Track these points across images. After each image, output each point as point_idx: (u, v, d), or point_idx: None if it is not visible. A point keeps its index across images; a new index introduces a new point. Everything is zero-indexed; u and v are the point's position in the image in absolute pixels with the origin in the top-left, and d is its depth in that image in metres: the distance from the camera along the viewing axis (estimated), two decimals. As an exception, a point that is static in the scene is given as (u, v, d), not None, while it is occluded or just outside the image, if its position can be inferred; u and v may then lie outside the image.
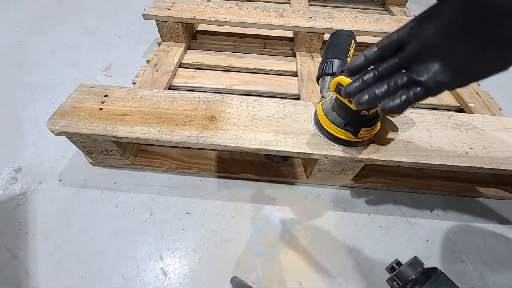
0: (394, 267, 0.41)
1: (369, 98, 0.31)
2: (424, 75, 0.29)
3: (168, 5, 0.75)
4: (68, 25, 0.97)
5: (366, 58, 0.32)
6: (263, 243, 0.46)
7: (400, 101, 0.30)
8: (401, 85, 0.30)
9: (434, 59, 0.28)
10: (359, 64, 0.33)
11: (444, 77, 0.28)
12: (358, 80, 0.33)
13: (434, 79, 0.28)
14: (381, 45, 0.32)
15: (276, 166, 0.54)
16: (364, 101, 0.31)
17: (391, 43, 0.31)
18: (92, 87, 0.50)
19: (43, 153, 0.57)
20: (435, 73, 0.28)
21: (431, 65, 0.28)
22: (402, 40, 0.30)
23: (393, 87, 0.30)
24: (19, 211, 0.48)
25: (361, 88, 0.32)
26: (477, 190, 0.53)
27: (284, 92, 0.70)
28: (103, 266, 0.43)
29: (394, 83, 0.30)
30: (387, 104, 0.30)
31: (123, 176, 0.54)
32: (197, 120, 0.45)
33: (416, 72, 0.29)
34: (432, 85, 0.28)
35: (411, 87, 0.29)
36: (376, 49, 0.32)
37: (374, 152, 0.42)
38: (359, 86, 0.32)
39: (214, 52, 0.80)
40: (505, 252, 0.47)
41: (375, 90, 0.31)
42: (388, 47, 0.31)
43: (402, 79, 0.30)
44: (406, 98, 0.29)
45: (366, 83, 0.32)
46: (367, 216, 0.50)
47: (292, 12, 0.76)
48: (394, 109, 0.30)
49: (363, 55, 0.32)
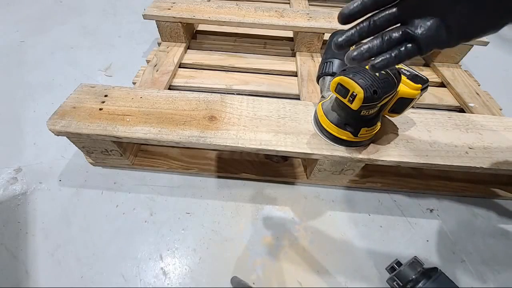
0: (394, 267, 0.41)
1: (364, 51, 0.29)
2: (419, 29, 0.28)
3: (168, 5, 0.75)
4: (68, 25, 0.97)
5: (363, 3, 0.28)
6: (263, 243, 0.46)
7: (391, 57, 0.29)
8: (395, 39, 0.29)
9: (432, 15, 0.27)
10: (354, 9, 0.29)
11: (438, 34, 0.27)
12: (352, 29, 0.30)
13: (429, 34, 0.27)
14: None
15: (276, 166, 0.54)
16: (357, 55, 0.30)
17: None
18: (92, 87, 0.50)
19: (43, 153, 0.57)
20: (430, 28, 0.27)
21: (428, 20, 0.27)
22: None
23: (387, 41, 0.29)
24: (19, 211, 0.48)
25: (353, 38, 0.30)
26: (477, 190, 0.53)
27: (284, 92, 0.70)
28: (103, 266, 0.43)
29: (389, 37, 0.29)
30: (377, 60, 0.29)
31: (123, 176, 0.54)
32: (197, 120, 0.45)
33: (412, 26, 0.28)
34: (425, 41, 0.28)
35: (403, 43, 0.29)
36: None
37: (374, 152, 0.42)
38: (352, 37, 0.30)
39: (214, 52, 0.80)
40: (505, 252, 0.47)
41: (369, 45, 0.29)
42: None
43: (397, 32, 0.29)
44: (397, 54, 0.29)
45: (360, 33, 0.30)
46: (367, 216, 0.50)
47: (292, 12, 0.76)
48: (385, 66, 0.29)
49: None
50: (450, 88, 0.72)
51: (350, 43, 0.30)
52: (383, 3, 0.29)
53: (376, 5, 0.29)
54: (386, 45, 0.29)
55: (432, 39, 0.28)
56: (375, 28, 0.29)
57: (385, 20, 0.29)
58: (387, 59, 0.29)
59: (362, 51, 0.30)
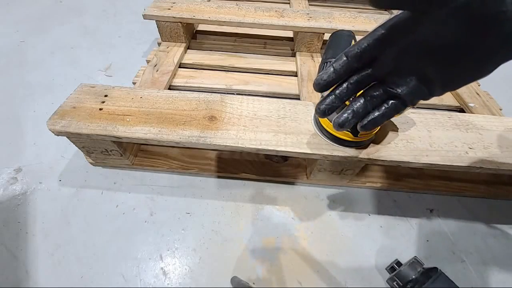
0: (394, 267, 0.41)
1: (349, 116, 0.29)
2: (400, 88, 0.27)
3: (168, 5, 0.75)
4: (68, 25, 0.97)
5: (335, 72, 0.29)
6: (263, 243, 0.46)
7: (381, 117, 0.29)
8: (378, 98, 0.29)
9: (411, 72, 0.26)
10: (328, 80, 0.29)
11: (421, 90, 0.27)
12: (330, 95, 0.30)
13: (411, 92, 0.27)
14: (351, 55, 0.28)
15: (276, 166, 0.54)
16: (344, 122, 0.30)
17: (363, 53, 0.27)
18: (92, 87, 0.50)
19: (43, 153, 0.57)
20: (411, 86, 0.27)
21: (408, 77, 0.27)
22: (374, 49, 0.27)
23: (370, 101, 0.29)
24: (19, 211, 0.48)
25: (335, 104, 0.30)
26: (477, 190, 0.53)
27: (284, 92, 0.70)
28: (103, 266, 0.43)
29: (370, 97, 0.29)
30: (365, 122, 0.29)
31: (123, 176, 0.54)
32: (197, 120, 0.45)
33: (392, 84, 0.28)
34: (409, 98, 0.27)
35: (388, 100, 0.28)
36: (345, 60, 0.28)
37: (374, 152, 0.42)
38: (333, 103, 0.30)
39: (214, 52, 0.80)
40: (505, 252, 0.47)
41: (354, 108, 0.29)
42: (360, 58, 0.28)
43: (378, 91, 0.28)
44: (386, 112, 0.28)
45: (340, 98, 0.30)
46: (367, 216, 0.50)
47: (292, 12, 0.76)
48: (375, 125, 0.29)
49: (332, 67, 0.29)
50: (450, 88, 0.72)
51: (333, 109, 0.31)
52: (356, 68, 0.29)
53: (348, 71, 0.29)
54: (370, 105, 0.29)
55: (415, 95, 0.27)
56: (353, 90, 0.30)
57: (361, 82, 0.29)
58: (376, 119, 0.29)
59: (348, 118, 0.30)
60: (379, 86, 0.28)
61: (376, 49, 0.27)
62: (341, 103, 0.30)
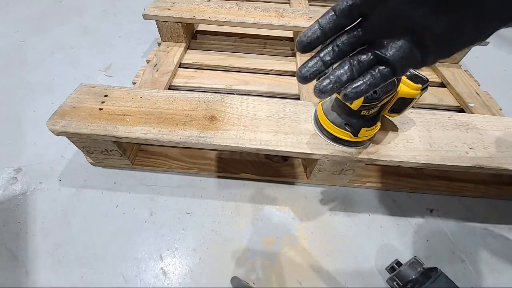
0: (394, 267, 0.41)
1: (332, 84, 0.26)
2: (390, 51, 0.24)
3: (168, 5, 0.75)
4: (68, 25, 0.97)
5: (321, 28, 0.25)
6: (263, 243, 0.46)
7: (366, 85, 0.25)
8: (365, 63, 0.25)
9: (403, 33, 0.24)
10: (312, 37, 0.25)
11: (413, 55, 0.24)
12: (314, 58, 0.27)
13: (402, 56, 0.24)
14: (339, 9, 0.24)
15: (276, 166, 0.54)
16: (325, 88, 0.26)
17: (352, 7, 0.24)
18: (92, 87, 0.50)
19: (43, 153, 0.57)
20: (402, 49, 0.24)
21: (399, 40, 0.24)
22: (365, 4, 0.24)
23: (356, 66, 0.26)
24: (19, 211, 0.48)
25: (318, 68, 0.26)
26: (477, 190, 0.53)
27: (284, 92, 0.70)
28: (103, 266, 0.43)
29: (357, 62, 0.26)
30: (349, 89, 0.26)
31: (123, 176, 0.54)
32: (197, 120, 0.45)
33: (382, 48, 0.25)
34: (399, 64, 0.24)
35: (376, 66, 0.25)
36: (332, 14, 0.24)
37: (374, 152, 0.42)
38: (316, 67, 0.26)
39: (214, 52, 0.80)
40: (505, 252, 0.47)
41: (338, 73, 0.26)
42: (349, 13, 0.24)
43: (366, 55, 0.25)
44: (372, 81, 0.25)
45: (324, 61, 0.26)
46: (367, 216, 0.50)
47: (292, 12, 0.76)
48: (359, 94, 0.26)
49: (317, 23, 0.25)
50: (450, 88, 0.72)
51: (315, 74, 0.27)
52: (344, 25, 0.25)
53: (336, 29, 0.25)
54: (356, 71, 0.26)
55: (406, 61, 0.24)
56: (340, 53, 0.26)
57: (349, 44, 0.26)
58: (361, 88, 0.26)
59: (331, 82, 0.26)
60: (368, 50, 0.25)
61: (367, 4, 0.24)
62: (325, 67, 0.26)
